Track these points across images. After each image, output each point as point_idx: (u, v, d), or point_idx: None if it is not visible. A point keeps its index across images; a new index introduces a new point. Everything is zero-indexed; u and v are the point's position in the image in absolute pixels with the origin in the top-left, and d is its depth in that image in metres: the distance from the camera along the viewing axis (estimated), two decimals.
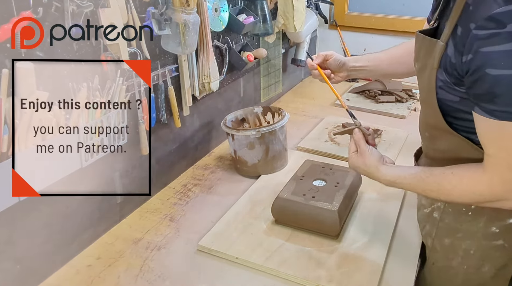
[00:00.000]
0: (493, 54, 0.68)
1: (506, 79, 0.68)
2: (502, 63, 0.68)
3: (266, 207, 1.24)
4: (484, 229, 0.94)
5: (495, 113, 0.72)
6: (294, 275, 1.01)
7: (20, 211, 0.93)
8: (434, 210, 1.02)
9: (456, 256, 0.99)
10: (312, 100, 2.07)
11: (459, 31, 0.76)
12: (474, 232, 0.95)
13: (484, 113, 0.74)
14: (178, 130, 1.41)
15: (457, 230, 0.98)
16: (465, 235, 0.97)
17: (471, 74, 0.74)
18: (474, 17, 0.71)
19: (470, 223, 0.96)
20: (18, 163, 0.88)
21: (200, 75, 1.40)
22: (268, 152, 1.41)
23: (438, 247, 1.02)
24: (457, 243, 0.98)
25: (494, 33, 0.68)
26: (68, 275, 1.04)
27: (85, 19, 0.97)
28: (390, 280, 1.01)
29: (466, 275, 0.99)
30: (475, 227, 0.95)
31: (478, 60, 0.71)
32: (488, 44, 0.69)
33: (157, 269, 1.05)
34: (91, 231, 1.14)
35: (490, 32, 0.68)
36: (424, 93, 0.90)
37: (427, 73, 0.85)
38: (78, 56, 0.99)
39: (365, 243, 1.10)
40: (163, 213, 1.26)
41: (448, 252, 1.00)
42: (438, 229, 1.01)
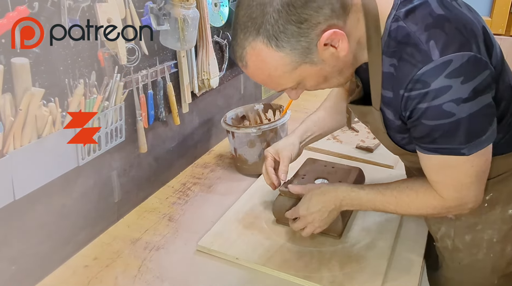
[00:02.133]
0: (426, 109, 0.76)
1: (441, 127, 0.77)
2: (435, 115, 0.76)
3: (267, 206, 1.22)
4: (502, 214, 0.97)
5: (438, 150, 0.81)
6: (295, 275, 0.99)
7: (15, 210, 0.91)
8: None
9: (481, 248, 1.00)
10: (314, 97, 2.04)
11: (390, 96, 0.82)
12: (493, 220, 0.98)
13: (427, 151, 0.83)
14: (177, 128, 1.40)
15: (475, 223, 0.99)
16: (484, 226, 0.99)
17: (411, 123, 0.81)
18: (400, 82, 0.78)
19: (488, 214, 0.98)
20: (13, 161, 0.86)
21: (199, 72, 1.38)
22: None
23: (460, 245, 1.02)
24: (479, 236, 1.00)
25: (423, 93, 0.75)
26: (64, 276, 1.02)
27: (82, 14, 0.96)
28: (394, 281, 0.99)
29: (493, 262, 1.00)
30: (494, 216, 0.97)
31: (415, 115, 0.78)
32: (420, 102, 0.76)
33: (155, 270, 1.03)
34: (88, 231, 1.12)
35: (418, 92, 0.75)
36: (388, 147, 0.97)
37: (381, 135, 0.93)
38: (75, 52, 0.97)
39: (368, 243, 1.09)
40: (161, 213, 1.25)
41: (472, 248, 1.01)
42: (456, 228, 1.02)
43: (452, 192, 0.86)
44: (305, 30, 0.72)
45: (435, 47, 0.73)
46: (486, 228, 0.98)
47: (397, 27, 0.77)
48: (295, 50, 0.74)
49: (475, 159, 0.80)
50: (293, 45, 0.74)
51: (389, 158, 1.42)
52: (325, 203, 0.99)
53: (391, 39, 0.78)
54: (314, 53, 0.76)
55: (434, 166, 0.84)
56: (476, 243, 1.00)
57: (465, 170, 0.82)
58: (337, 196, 0.99)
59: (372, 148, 1.52)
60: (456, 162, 0.81)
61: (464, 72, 0.73)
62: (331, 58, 0.77)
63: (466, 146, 0.78)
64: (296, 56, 0.75)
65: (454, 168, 0.82)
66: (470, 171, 0.82)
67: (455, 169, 0.82)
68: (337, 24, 0.75)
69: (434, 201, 0.87)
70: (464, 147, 0.78)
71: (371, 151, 1.52)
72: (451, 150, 0.79)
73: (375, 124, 0.92)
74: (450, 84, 0.73)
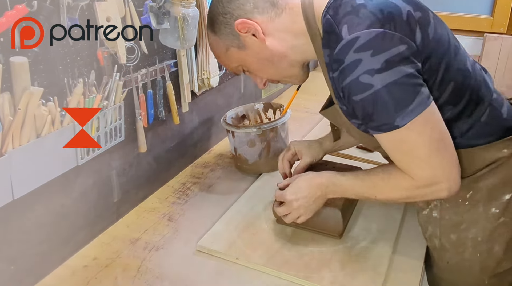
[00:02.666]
0: (349, 85, 0.82)
1: (367, 101, 0.81)
2: (356, 89, 0.81)
3: (267, 206, 1.22)
4: (485, 213, 0.96)
5: (379, 128, 0.85)
6: (296, 276, 0.98)
7: (14, 210, 0.91)
8: (432, 210, 1.02)
9: (466, 247, 1.00)
10: (314, 97, 2.04)
11: (331, 85, 0.90)
12: (476, 219, 0.97)
13: (374, 131, 0.87)
14: (176, 127, 1.39)
15: (459, 222, 0.99)
16: (468, 225, 0.98)
17: (348, 105, 0.88)
18: (330, 67, 0.86)
19: (470, 212, 0.97)
20: (12, 161, 0.86)
21: (199, 71, 1.38)
22: (270, 150, 1.39)
23: (447, 245, 1.02)
24: (464, 235, 0.99)
25: (341, 70, 0.82)
26: (63, 276, 1.02)
27: (81, 13, 0.95)
28: (394, 281, 0.98)
29: (481, 262, 1.00)
30: (476, 214, 0.97)
31: (345, 94, 0.84)
32: (342, 80, 0.82)
33: (155, 270, 1.03)
34: (87, 231, 1.12)
35: (338, 71, 0.82)
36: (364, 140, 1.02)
37: (352, 129, 0.97)
38: (74, 51, 0.97)
39: (369, 243, 1.08)
40: (161, 212, 1.24)
41: (458, 247, 1.01)
42: (441, 227, 1.02)
43: (415, 169, 0.86)
44: (228, 20, 0.93)
45: (347, 29, 0.81)
46: (470, 227, 0.98)
47: (325, 20, 0.86)
48: (223, 35, 0.95)
49: (416, 128, 0.82)
50: (222, 30, 0.95)
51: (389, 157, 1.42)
52: (312, 188, 1.01)
53: (324, 32, 0.87)
54: (238, 39, 0.94)
55: (387, 145, 0.88)
56: (462, 242, 1.00)
57: (413, 141, 0.83)
58: (321, 182, 1.00)
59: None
60: (399, 136, 0.83)
61: (372, 46, 0.79)
62: (254, 45, 0.94)
63: (397, 117, 0.81)
64: (225, 40, 0.96)
65: (403, 142, 0.84)
66: (419, 141, 0.83)
67: (404, 143, 0.84)
68: (257, 18, 0.92)
69: (405, 182, 0.88)
70: (396, 119, 0.81)
71: (371, 150, 1.51)
72: (387, 125, 0.83)
73: (344, 122, 0.97)
74: (360, 57, 0.79)
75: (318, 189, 1.00)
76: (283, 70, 0.99)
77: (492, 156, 0.93)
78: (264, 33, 0.92)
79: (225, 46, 0.97)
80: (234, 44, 0.95)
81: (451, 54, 0.89)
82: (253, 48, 0.95)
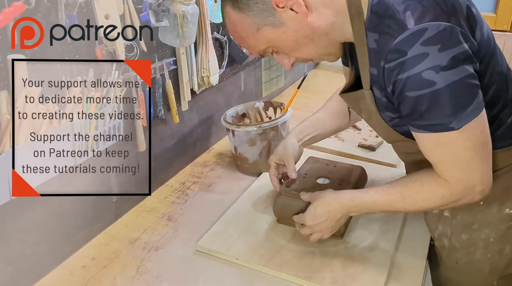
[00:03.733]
0: (407, 80, 0.76)
1: (424, 98, 0.76)
2: (416, 85, 0.76)
3: (268, 205, 1.21)
4: (498, 213, 0.96)
5: (428, 128, 0.80)
6: (296, 276, 0.98)
7: (12, 210, 0.90)
8: (444, 210, 1.00)
9: (478, 248, 0.99)
10: (315, 95, 2.04)
11: (375, 73, 0.84)
12: (489, 219, 0.96)
13: (418, 129, 0.82)
14: (176, 126, 1.38)
15: (472, 222, 0.98)
16: (481, 225, 0.97)
17: (396, 100, 0.82)
18: (381, 55, 0.79)
19: (484, 212, 0.96)
20: (9, 161, 0.85)
21: (199, 69, 1.37)
22: (270, 149, 1.38)
23: (457, 244, 1.01)
24: (476, 235, 0.98)
25: (401, 62, 0.75)
26: (61, 276, 1.01)
27: (80, 10, 0.94)
28: (396, 281, 0.97)
29: (491, 263, 0.99)
30: (489, 215, 0.96)
31: (397, 88, 0.78)
32: (400, 73, 0.76)
33: (154, 270, 1.02)
34: (86, 231, 1.11)
35: (397, 62, 0.76)
36: (382, 132, 0.98)
37: (374, 118, 0.93)
38: (73, 49, 0.96)
39: (371, 243, 1.07)
40: (160, 212, 1.23)
41: (469, 247, 1.00)
42: (452, 227, 1.01)
43: (455, 172, 0.84)
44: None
45: (411, 17, 0.75)
46: (483, 227, 0.97)
47: (378, 1, 0.79)
48: (253, 11, 0.82)
49: (468, 132, 0.79)
50: (251, 7, 0.82)
51: (391, 157, 1.41)
52: (331, 213, 0.98)
53: (373, 14, 0.80)
54: (274, 16, 0.82)
55: (430, 145, 0.84)
56: (473, 242, 0.99)
57: (461, 144, 0.80)
58: (341, 205, 0.97)
59: (374, 147, 1.50)
60: (449, 138, 0.80)
61: (441, 40, 0.73)
62: (293, 21, 0.82)
63: (453, 119, 0.77)
64: (256, 18, 0.83)
65: (450, 144, 0.81)
66: (466, 144, 0.80)
67: (450, 145, 0.81)
68: None
69: (440, 188, 0.85)
70: (452, 121, 0.78)
71: (373, 149, 1.50)
72: (440, 125, 0.79)
73: (367, 109, 0.92)
74: (427, 51, 0.73)
75: (338, 212, 0.98)
76: (322, 48, 0.89)
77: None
78: (306, 6, 0.82)
79: (256, 25, 0.84)
80: (268, 22, 0.83)
81: (497, 56, 0.87)
82: (290, 25, 0.83)
